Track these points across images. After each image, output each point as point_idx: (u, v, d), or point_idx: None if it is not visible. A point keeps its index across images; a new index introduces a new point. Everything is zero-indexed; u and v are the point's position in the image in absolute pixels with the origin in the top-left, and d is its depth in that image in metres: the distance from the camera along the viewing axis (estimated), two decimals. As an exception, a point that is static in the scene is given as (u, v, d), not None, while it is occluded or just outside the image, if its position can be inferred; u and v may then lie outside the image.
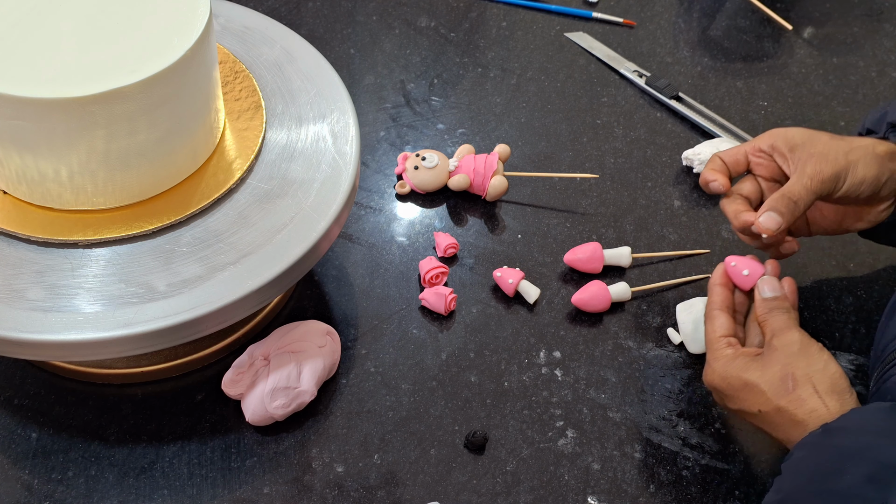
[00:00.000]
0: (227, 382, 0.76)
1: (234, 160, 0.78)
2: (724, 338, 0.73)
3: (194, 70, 0.71)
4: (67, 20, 0.71)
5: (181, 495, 0.73)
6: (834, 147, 0.76)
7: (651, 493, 0.76)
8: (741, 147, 0.80)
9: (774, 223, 0.75)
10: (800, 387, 0.67)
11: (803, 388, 0.67)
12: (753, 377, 0.69)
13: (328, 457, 0.76)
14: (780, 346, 0.70)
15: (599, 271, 0.90)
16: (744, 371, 0.70)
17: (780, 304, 0.73)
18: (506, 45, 1.16)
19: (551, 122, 1.06)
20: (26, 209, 0.73)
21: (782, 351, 0.70)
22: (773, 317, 0.73)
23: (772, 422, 0.69)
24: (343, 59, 1.11)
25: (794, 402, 0.67)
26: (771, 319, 0.73)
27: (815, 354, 0.69)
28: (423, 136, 1.03)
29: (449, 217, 0.95)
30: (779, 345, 0.70)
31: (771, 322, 0.72)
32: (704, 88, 1.12)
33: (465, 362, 0.83)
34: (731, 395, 0.71)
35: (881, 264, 0.94)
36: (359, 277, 0.89)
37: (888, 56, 1.18)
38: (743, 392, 0.70)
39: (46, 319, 0.67)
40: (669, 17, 1.22)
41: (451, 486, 0.75)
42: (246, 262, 0.72)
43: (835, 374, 0.68)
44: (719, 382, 0.72)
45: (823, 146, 0.76)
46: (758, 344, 0.74)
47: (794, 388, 0.68)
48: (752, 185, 0.80)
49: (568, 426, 0.79)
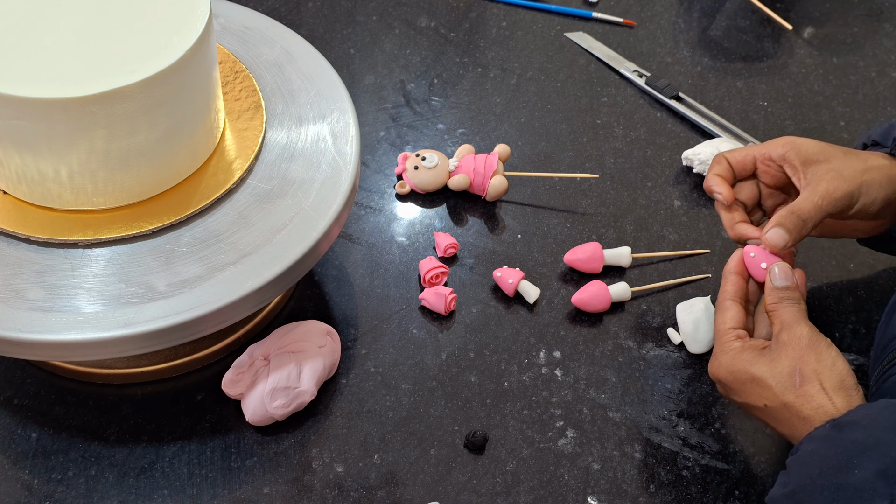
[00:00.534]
0: (227, 382, 0.76)
1: (234, 160, 0.78)
2: (734, 330, 0.72)
3: (194, 70, 0.71)
4: (67, 20, 0.71)
5: (181, 495, 0.73)
6: (849, 166, 0.75)
7: (651, 493, 0.76)
8: (750, 151, 0.79)
9: (781, 241, 0.74)
10: (807, 383, 0.67)
11: (811, 385, 0.67)
12: (761, 372, 0.69)
13: (328, 457, 0.76)
14: (788, 340, 0.69)
15: (599, 271, 0.90)
16: (751, 365, 0.69)
17: (790, 295, 0.72)
18: (506, 45, 1.16)
19: (551, 122, 1.06)
20: (26, 209, 0.73)
21: (791, 346, 0.69)
22: (783, 307, 0.71)
23: (777, 417, 0.68)
24: (343, 59, 1.11)
25: (800, 397, 0.67)
26: (780, 310, 0.71)
27: (823, 350, 0.69)
28: (423, 136, 1.03)
29: (449, 217, 0.95)
30: (787, 339, 0.69)
31: (780, 313, 0.71)
32: (704, 88, 1.12)
33: (465, 362, 0.83)
34: (736, 388, 0.71)
35: (881, 264, 0.94)
36: (359, 277, 0.89)
37: (888, 56, 1.18)
38: (749, 386, 0.69)
39: (46, 319, 0.67)
40: (669, 17, 1.22)
41: (451, 486, 0.75)
42: (246, 262, 0.72)
43: (843, 371, 0.68)
44: (725, 375, 0.71)
45: (839, 164, 0.75)
46: (765, 335, 0.74)
47: (801, 385, 0.67)
48: (750, 191, 0.79)
49: (568, 426, 0.79)
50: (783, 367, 0.68)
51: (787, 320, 0.71)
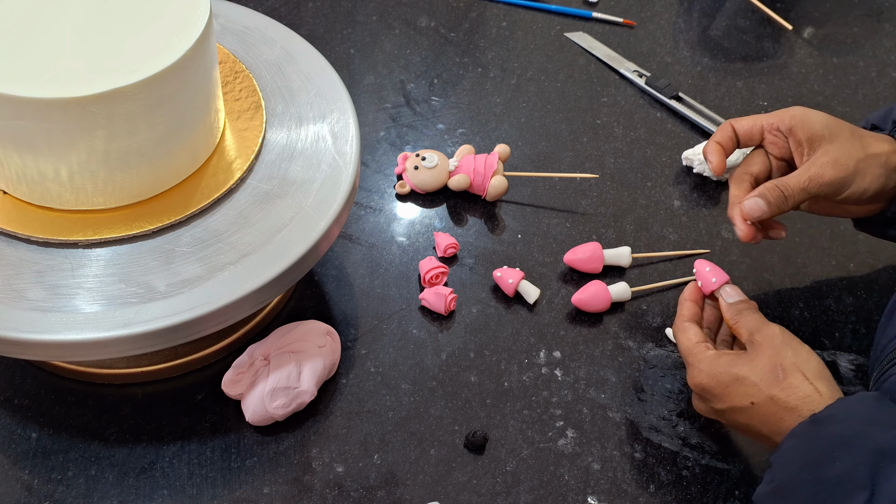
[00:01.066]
0: (227, 382, 0.76)
1: (234, 160, 0.78)
2: (702, 343, 0.74)
3: (194, 70, 0.71)
4: (67, 20, 0.71)
5: (181, 495, 0.73)
6: (848, 151, 0.75)
7: (651, 493, 0.76)
8: (758, 119, 0.79)
9: (758, 211, 0.75)
10: (790, 375, 0.68)
11: (794, 376, 0.68)
12: (743, 371, 0.70)
13: (328, 457, 0.76)
14: (762, 340, 0.71)
15: (599, 271, 0.90)
16: (731, 367, 0.70)
17: (747, 306, 0.75)
18: (506, 45, 1.16)
19: (551, 122, 1.06)
20: (26, 209, 0.73)
21: (766, 344, 0.70)
22: (745, 317, 0.74)
23: (763, 413, 0.68)
24: (343, 59, 1.11)
25: (786, 389, 0.67)
26: (743, 320, 0.73)
27: (798, 345, 0.70)
28: (423, 136, 1.03)
29: (449, 217, 0.95)
30: (761, 339, 0.71)
31: (744, 322, 0.73)
32: (704, 88, 1.12)
33: (465, 362, 0.83)
34: (719, 392, 0.71)
35: (881, 264, 0.94)
36: (359, 277, 0.89)
37: (888, 56, 1.18)
38: (733, 386, 0.70)
39: (46, 319, 0.67)
40: (669, 17, 1.22)
41: (451, 486, 0.75)
42: (246, 262, 0.72)
43: (819, 363, 0.69)
44: (708, 381, 0.71)
45: (839, 148, 0.75)
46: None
47: (784, 377, 0.68)
48: (762, 165, 0.79)
49: (568, 426, 0.79)
50: (763, 364, 0.69)
51: (755, 325, 0.73)
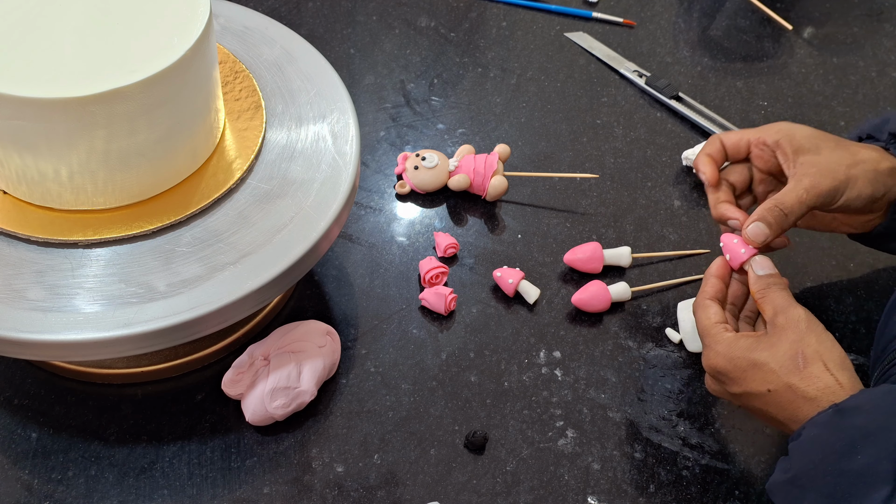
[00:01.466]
0: (227, 382, 0.76)
1: (234, 160, 0.78)
2: (720, 323, 0.72)
3: (194, 70, 0.71)
4: (67, 20, 0.71)
5: (181, 495, 0.73)
6: (836, 159, 0.75)
7: (651, 493, 0.76)
8: (745, 134, 0.79)
9: (762, 235, 0.74)
10: (811, 364, 0.66)
11: (815, 365, 0.66)
12: (762, 357, 0.68)
13: (328, 457, 0.76)
14: (786, 323, 0.68)
15: (599, 271, 0.90)
16: (750, 351, 0.68)
17: (776, 281, 0.72)
18: (506, 45, 1.16)
19: (551, 122, 1.06)
20: (26, 209, 0.73)
21: (789, 328, 0.68)
22: (772, 293, 0.71)
23: (780, 401, 0.67)
24: (343, 59, 1.11)
25: (805, 379, 0.66)
26: (770, 295, 0.71)
27: (822, 332, 0.68)
28: (423, 136, 1.03)
29: (449, 217, 0.95)
30: (785, 322, 0.69)
31: (771, 298, 0.71)
32: (704, 88, 1.12)
33: (465, 362, 0.83)
34: (736, 377, 0.69)
35: (881, 264, 0.94)
36: (359, 277, 0.89)
37: (888, 56, 1.18)
38: (751, 372, 0.68)
39: (46, 319, 0.67)
40: (669, 17, 1.22)
41: (451, 486, 0.75)
42: (246, 262, 0.72)
43: (841, 352, 0.67)
44: (724, 364, 0.70)
45: (827, 157, 0.75)
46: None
47: (805, 366, 0.66)
48: (741, 174, 0.79)
49: (568, 426, 0.79)
50: (784, 350, 0.67)
51: (781, 304, 0.70)
